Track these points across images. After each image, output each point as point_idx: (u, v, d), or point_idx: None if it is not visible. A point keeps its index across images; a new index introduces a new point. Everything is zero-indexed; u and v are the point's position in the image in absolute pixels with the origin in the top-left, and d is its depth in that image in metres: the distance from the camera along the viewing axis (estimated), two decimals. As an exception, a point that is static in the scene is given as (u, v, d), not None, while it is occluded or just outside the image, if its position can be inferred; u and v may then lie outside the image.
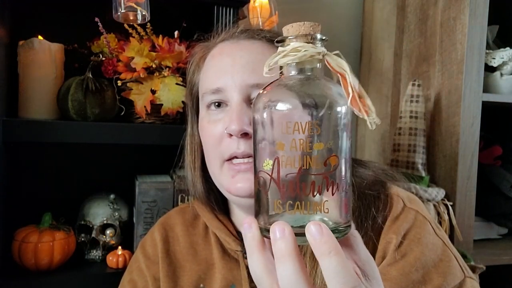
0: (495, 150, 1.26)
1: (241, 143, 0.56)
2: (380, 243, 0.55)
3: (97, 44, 1.04)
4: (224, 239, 0.64)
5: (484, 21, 1.01)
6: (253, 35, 0.60)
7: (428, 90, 1.13)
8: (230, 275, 0.62)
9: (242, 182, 0.57)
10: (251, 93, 0.57)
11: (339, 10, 1.45)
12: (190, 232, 0.69)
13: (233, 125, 0.55)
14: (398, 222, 0.56)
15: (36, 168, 1.10)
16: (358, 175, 0.59)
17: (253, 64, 0.57)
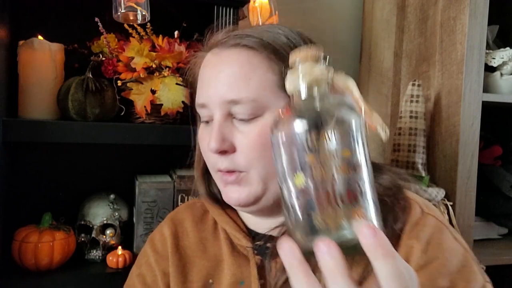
0: (495, 150, 1.26)
1: (222, 160, 0.57)
2: (400, 249, 0.54)
3: (97, 44, 1.04)
4: (234, 235, 0.64)
5: (484, 21, 1.01)
6: (238, 42, 0.57)
7: (428, 90, 1.13)
8: (239, 272, 0.62)
9: (232, 193, 0.58)
10: (231, 108, 0.56)
11: (339, 10, 1.45)
12: (199, 227, 0.69)
13: (211, 144, 0.55)
14: (418, 228, 0.55)
15: (36, 168, 1.10)
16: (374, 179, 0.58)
17: (230, 78, 0.55)
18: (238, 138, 0.56)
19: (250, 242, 0.62)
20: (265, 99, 0.55)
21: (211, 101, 0.57)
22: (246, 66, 0.55)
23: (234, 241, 0.64)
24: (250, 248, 0.62)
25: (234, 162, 0.56)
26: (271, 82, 0.55)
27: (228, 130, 0.56)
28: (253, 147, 0.55)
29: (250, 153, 0.55)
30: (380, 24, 1.36)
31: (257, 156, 0.55)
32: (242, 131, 0.56)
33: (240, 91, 0.54)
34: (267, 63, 0.56)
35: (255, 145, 0.55)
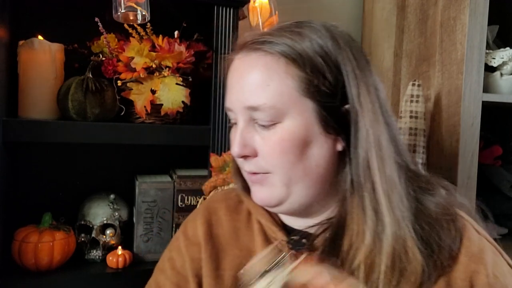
0: (495, 150, 1.26)
1: (245, 163, 0.59)
2: (460, 271, 0.53)
3: (97, 44, 1.04)
4: (269, 228, 0.64)
5: (484, 21, 1.01)
6: (259, 47, 0.56)
7: (428, 90, 1.13)
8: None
9: (257, 192, 0.59)
10: (251, 114, 0.56)
11: (339, 10, 1.45)
12: (233, 217, 0.69)
13: (234, 149, 0.57)
14: (477, 251, 0.54)
15: (36, 168, 1.10)
16: (424, 195, 0.57)
17: (250, 86, 0.55)
18: (259, 143, 0.56)
19: (285, 236, 0.62)
20: (284, 106, 0.54)
21: (234, 106, 0.58)
22: (265, 72, 0.55)
23: (269, 233, 0.64)
24: (284, 241, 0.61)
25: (258, 164, 0.57)
26: (290, 89, 0.54)
27: (251, 135, 0.57)
28: (274, 153, 0.55)
29: (271, 158, 0.56)
30: (380, 24, 1.36)
31: (278, 161, 0.55)
32: (263, 136, 0.56)
33: (258, 98, 0.55)
34: (285, 68, 0.55)
35: (275, 150, 0.55)
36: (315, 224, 0.61)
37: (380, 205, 0.52)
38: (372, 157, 0.53)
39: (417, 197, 0.56)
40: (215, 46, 1.02)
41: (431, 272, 0.51)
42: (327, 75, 0.54)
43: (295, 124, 0.55)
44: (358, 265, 0.52)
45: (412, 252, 0.51)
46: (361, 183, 0.54)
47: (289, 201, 0.57)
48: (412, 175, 0.58)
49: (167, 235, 1.06)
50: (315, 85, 0.54)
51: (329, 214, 0.61)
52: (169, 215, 1.06)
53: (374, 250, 0.52)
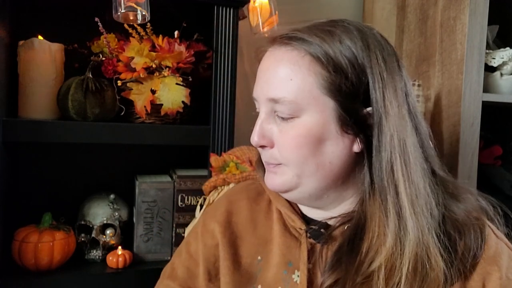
0: (495, 150, 1.26)
1: (263, 152, 0.61)
2: (477, 274, 0.54)
3: (97, 44, 1.04)
4: (289, 216, 0.65)
5: (484, 21, 1.01)
6: (291, 42, 0.57)
7: (428, 90, 1.13)
8: (289, 253, 0.63)
9: (270, 179, 0.61)
10: (273, 106, 0.58)
11: (339, 10, 1.45)
12: (253, 207, 0.71)
13: (253, 138, 0.59)
14: (493, 254, 0.55)
15: (36, 168, 1.10)
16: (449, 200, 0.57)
17: (274, 78, 0.57)
18: (277, 135, 0.58)
19: (304, 225, 0.63)
20: (303, 101, 0.55)
21: (258, 96, 0.60)
22: (290, 67, 0.56)
23: (288, 222, 0.65)
24: (303, 230, 0.63)
25: (274, 155, 0.59)
26: (311, 86, 0.55)
27: (270, 126, 0.59)
28: (289, 146, 0.57)
29: (286, 151, 0.57)
30: (380, 24, 1.36)
31: (292, 155, 0.57)
32: (281, 129, 0.58)
33: (280, 91, 0.56)
34: (310, 66, 0.55)
35: (291, 144, 0.57)
36: (333, 217, 0.62)
37: (404, 209, 0.52)
38: (396, 161, 0.53)
39: (444, 203, 0.56)
40: (215, 46, 1.02)
41: (452, 279, 0.52)
42: (350, 76, 0.55)
43: (312, 120, 0.56)
44: (378, 267, 0.52)
45: (435, 259, 0.51)
46: (384, 187, 0.54)
47: (299, 190, 0.59)
48: (440, 181, 0.58)
49: (167, 235, 1.06)
50: (336, 84, 0.54)
51: (345, 209, 0.62)
52: (169, 215, 1.06)
53: (395, 254, 0.52)
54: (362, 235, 0.55)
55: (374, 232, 0.54)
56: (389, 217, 0.53)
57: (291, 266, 0.62)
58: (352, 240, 0.56)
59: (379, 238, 0.53)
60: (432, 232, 0.52)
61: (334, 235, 0.60)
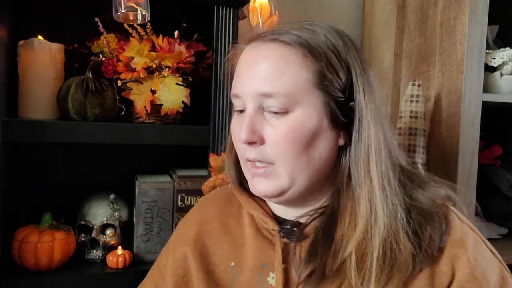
0: (495, 150, 1.26)
1: (251, 150, 0.58)
2: (444, 257, 0.55)
3: (97, 44, 1.04)
4: (261, 219, 0.65)
5: (484, 21, 1.01)
6: (276, 37, 0.58)
7: (428, 90, 1.13)
8: (263, 256, 0.63)
9: (259, 185, 0.59)
10: (262, 101, 0.57)
11: (339, 10, 1.45)
12: (223, 213, 0.71)
13: (240, 134, 0.57)
14: (460, 237, 0.57)
15: (36, 168, 1.10)
16: (415, 190, 0.60)
17: (265, 72, 0.57)
18: (268, 131, 0.57)
19: (277, 226, 0.63)
20: (297, 95, 0.56)
21: (244, 93, 0.59)
22: (281, 61, 0.56)
23: (261, 224, 0.66)
24: (276, 230, 0.63)
25: (263, 153, 0.58)
26: (304, 79, 0.56)
27: (259, 122, 0.57)
28: (282, 142, 0.56)
29: (278, 147, 0.57)
30: (380, 24, 1.36)
31: (285, 151, 0.56)
32: (273, 124, 0.57)
33: (273, 85, 0.56)
34: (302, 60, 0.56)
35: (284, 139, 0.56)
36: (304, 214, 0.62)
37: (375, 198, 0.55)
38: (372, 152, 0.56)
39: (410, 193, 0.59)
40: (215, 46, 1.02)
41: (421, 262, 0.54)
42: (339, 71, 0.57)
43: (305, 114, 0.56)
44: (349, 253, 0.54)
45: (403, 244, 0.54)
46: (360, 177, 0.56)
47: (291, 191, 0.59)
48: (406, 173, 0.62)
49: (167, 235, 1.06)
50: (328, 79, 0.56)
51: (320, 204, 0.63)
52: (169, 215, 1.06)
53: (366, 239, 0.54)
54: (335, 225, 0.57)
55: (346, 221, 0.56)
56: (361, 204, 0.55)
57: (265, 268, 0.62)
58: (327, 230, 0.58)
59: (350, 226, 0.56)
60: (400, 219, 0.55)
61: (306, 232, 0.61)
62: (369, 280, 0.53)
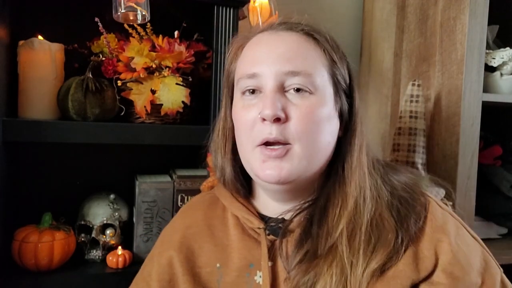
0: (495, 150, 1.26)
1: (273, 128, 0.57)
2: (425, 242, 0.57)
3: (97, 44, 1.04)
4: (246, 218, 0.66)
5: (484, 21, 1.01)
6: (291, 27, 0.62)
7: (428, 90, 1.13)
8: (249, 255, 0.63)
9: (272, 169, 0.58)
10: (285, 80, 0.59)
11: (339, 10, 1.45)
12: (208, 215, 0.71)
13: (267, 110, 0.57)
14: (441, 223, 0.59)
15: (36, 168, 1.10)
16: (393, 178, 0.64)
17: (289, 53, 0.59)
18: (291, 109, 0.58)
19: (262, 224, 0.64)
20: (317, 79, 0.59)
21: (265, 72, 0.59)
22: (303, 46, 0.61)
23: (246, 224, 0.66)
24: (262, 229, 0.64)
25: (285, 131, 0.58)
26: (321, 68, 0.61)
27: (282, 100, 0.58)
28: (305, 119, 0.58)
29: (302, 124, 0.58)
30: (380, 24, 1.36)
31: (307, 129, 0.58)
32: (296, 103, 0.59)
33: (298, 65, 0.59)
34: (320, 51, 0.61)
35: (307, 117, 0.58)
36: (289, 210, 0.64)
37: (365, 182, 0.61)
38: (362, 144, 0.63)
39: (390, 181, 0.64)
40: (215, 46, 1.02)
41: (402, 239, 0.57)
42: (343, 69, 0.63)
43: (323, 99, 0.60)
44: (341, 231, 0.57)
45: (387, 220, 0.58)
46: (353, 164, 0.62)
47: (303, 177, 0.60)
48: (380, 161, 0.68)
49: (167, 235, 1.06)
50: (338, 73, 0.62)
51: (306, 198, 0.64)
52: (169, 215, 1.06)
53: (356, 217, 0.59)
54: (326, 211, 0.60)
55: (338, 203, 0.60)
56: (351, 188, 0.60)
57: (252, 268, 0.63)
58: (317, 219, 0.60)
59: (342, 206, 0.60)
60: (384, 199, 0.60)
61: (291, 228, 0.62)
62: (358, 252, 0.56)
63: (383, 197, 0.61)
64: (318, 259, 0.57)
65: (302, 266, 0.57)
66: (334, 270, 0.55)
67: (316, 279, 0.55)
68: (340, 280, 0.54)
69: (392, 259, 0.56)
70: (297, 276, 0.57)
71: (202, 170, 1.10)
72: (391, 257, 0.56)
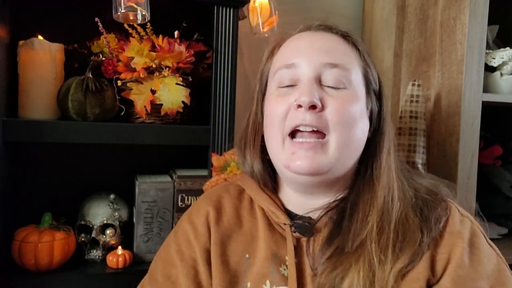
0: (495, 150, 1.26)
1: (307, 114, 0.59)
2: (443, 245, 0.58)
3: (97, 44, 1.04)
4: (273, 212, 0.66)
5: (484, 21, 1.01)
6: (330, 28, 0.65)
7: (428, 90, 1.13)
8: (275, 247, 0.63)
9: (302, 160, 0.59)
10: (323, 72, 0.60)
11: (339, 10, 1.45)
12: (236, 205, 0.70)
13: (303, 96, 0.58)
14: (459, 228, 0.60)
15: (36, 168, 1.10)
16: (417, 182, 0.66)
17: (328, 47, 0.62)
18: (328, 99, 0.60)
19: (288, 220, 0.64)
20: (352, 76, 0.62)
21: (304, 63, 0.61)
22: (341, 44, 0.64)
23: (272, 218, 0.66)
24: (288, 225, 0.64)
25: (321, 119, 0.59)
26: (357, 68, 0.63)
27: (319, 91, 0.60)
28: (341, 110, 0.59)
29: (338, 114, 0.59)
30: (380, 24, 1.36)
31: (343, 120, 0.59)
32: (332, 95, 0.60)
33: (337, 58, 0.61)
34: (356, 52, 0.64)
35: (343, 108, 0.59)
36: (315, 209, 0.64)
37: (394, 182, 0.62)
38: (391, 148, 0.64)
39: (412, 182, 0.65)
40: (215, 46, 1.02)
41: (426, 240, 0.58)
42: (375, 74, 0.66)
43: (357, 95, 0.62)
44: (371, 227, 0.58)
45: (412, 220, 0.59)
46: (382, 165, 0.63)
47: (334, 169, 0.61)
48: (407, 167, 0.70)
49: (167, 235, 1.04)
50: (370, 76, 0.65)
51: (335, 196, 0.65)
52: (169, 215, 1.06)
53: (384, 214, 0.59)
54: (356, 208, 0.61)
55: (367, 201, 0.61)
56: (380, 187, 0.61)
57: (277, 259, 0.63)
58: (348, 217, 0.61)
59: (372, 203, 0.61)
60: (410, 200, 0.62)
61: (318, 227, 0.62)
62: (387, 249, 0.56)
63: (408, 198, 0.62)
64: (346, 255, 0.57)
65: (330, 262, 0.57)
66: (362, 266, 0.55)
67: (343, 274, 0.56)
68: (368, 275, 0.55)
69: (414, 260, 0.56)
70: (324, 272, 0.57)
71: (202, 170, 1.10)
72: (415, 258, 0.56)
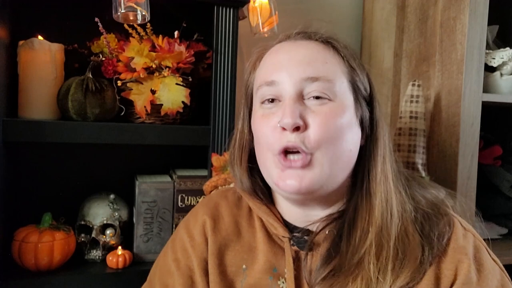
0: (495, 150, 1.26)
1: (292, 136, 0.57)
2: (447, 262, 0.57)
3: (97, 44, 1.04)
4: (271, 224, 0.64)
5: (484, 21, 1.01)
6: (310, 36, 0.63)
7: (428, 90, 1.13)
8: (274, 259, 0.63)
9: (292, 179, 0.57)
10: (304, 87, 0.58)
11: (339, 10, 1.45)
12: (234, 212, 0.69)
13: (286, 118, 0.56)
14: (463, 243, 0.58)
15: (36, 168, 1.10)
16: (418, 193, 0.63)
17: (308, 59, 0.59)
18: (311, 116, 0.57)
19: (287, 233, 0.63)
20: (336, 86, 0.59)
21: (284, 79, 0.59)
22: (322, 53, 0.60)
23: (271, 230, 0.65)
24: (286, 238, 0.63)
25: (305, 139, 0.56)
26: (341, 75, 0.60)
27: (301, 108, 0.57)
28: (325, 126, 0.57)
29: (322, 132, 0.56)
30: (380, 24, 1.36)
31: (327, 136, 0.57)
32: (315, 110, 0.58)
33: (318, 70, 0.58)
34: (339, 58, 0.61)
35: (327, 124, 0.57)
36: (315, 221, 0.62)
37: (391, 193, 0.59)
38: (386, 155, 0.61)
39: (412, 193, 0.62)
40: (215, 46, 1.02)
41: (427, 256, 0.56)
42: (364, 76, 0.63)
43: (342, 106, 0.59)
44: (369, 245, 0.56)
45: (412, 235, 0.57)
46: (378, 175, 0.60)
47: (326, 186, 0.59)
48: (406, 175, 0.66)
49: (167, 235, 1.06)
50: (358, 81, 0.61)
51: (333, 209, 0.63)
52: (169, 215, 1.06)
53: (383, 231, 0.57)
54: (354, 224, 0.59)
55: (365, 217, 0.58)
56: (377, 201, 0.59)
57: (276, 272, 0.62)
58: (347, 232, 0.59)
59: (369, 220, 0.58)
60: (409, 214, 0.59)
61: (317, 241, 0.61)
62: (386, 268, 0.55)
63: (408, 212, 0.59)
64: (343, 274, 0.56)
65: (327, 281, 0.56)
66: (359, 286, 0.54)
67: None
68: None
69: (416, 278, 0.55)
70: None
71: (202, 170, 1.10)
72: (416, 276, 0.55)
